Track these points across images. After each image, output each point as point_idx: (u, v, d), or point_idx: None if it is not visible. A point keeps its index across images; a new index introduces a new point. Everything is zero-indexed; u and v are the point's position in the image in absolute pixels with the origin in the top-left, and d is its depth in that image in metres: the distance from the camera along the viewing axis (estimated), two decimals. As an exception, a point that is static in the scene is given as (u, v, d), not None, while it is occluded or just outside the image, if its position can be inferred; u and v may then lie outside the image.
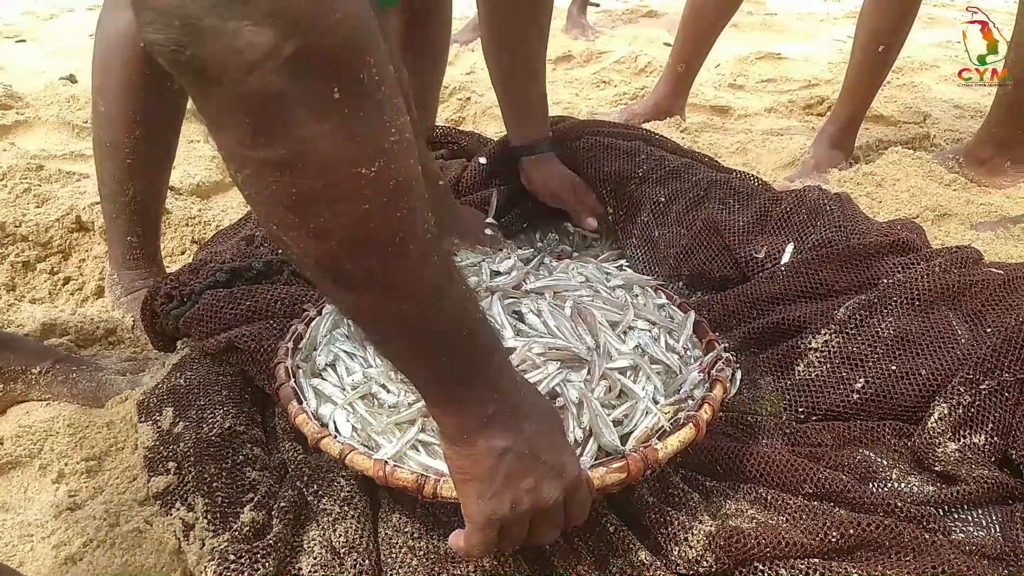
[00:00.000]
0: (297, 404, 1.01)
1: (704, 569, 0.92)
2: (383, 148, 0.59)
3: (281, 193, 0.59)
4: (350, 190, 0.59)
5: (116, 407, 1.27)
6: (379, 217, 0.61)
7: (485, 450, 0.77)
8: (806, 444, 1.15)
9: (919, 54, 3.47)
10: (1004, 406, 1.12)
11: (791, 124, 2.78)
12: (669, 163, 1.70)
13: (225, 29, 0.51)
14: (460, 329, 0.73)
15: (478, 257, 1.31)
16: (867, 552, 0.94)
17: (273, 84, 0.53)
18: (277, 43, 0.52)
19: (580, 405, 0.97)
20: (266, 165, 0.58)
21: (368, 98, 0.57)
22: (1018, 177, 2.21)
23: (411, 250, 0.65)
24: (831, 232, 1.44)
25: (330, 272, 0.65)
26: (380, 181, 0.60)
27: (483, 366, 0.76)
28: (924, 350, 1.20)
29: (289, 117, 0.55)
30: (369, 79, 0.57)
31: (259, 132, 0.56)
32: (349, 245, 0.62)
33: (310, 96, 0.55)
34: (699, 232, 1.54)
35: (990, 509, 1.03)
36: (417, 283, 0.67)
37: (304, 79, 0.54)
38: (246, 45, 0.51)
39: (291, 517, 0.98)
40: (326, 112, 0.56)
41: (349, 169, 0.58)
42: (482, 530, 0.81)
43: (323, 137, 0.56)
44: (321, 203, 0.59)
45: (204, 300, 1.25)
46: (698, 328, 1.19)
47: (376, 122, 0.59)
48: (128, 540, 1.01)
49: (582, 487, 0.85)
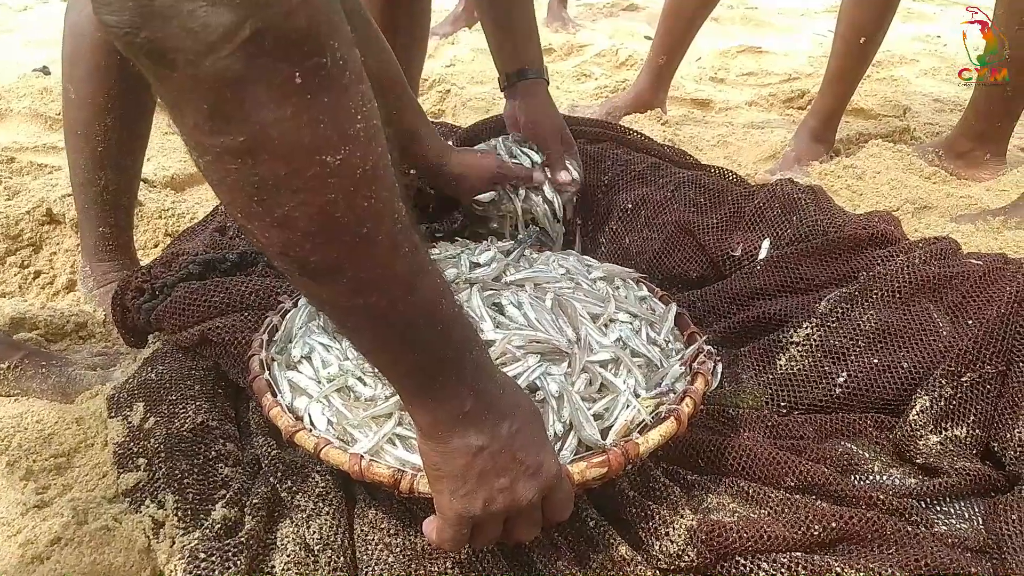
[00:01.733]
0: (271, 397, 0.99)
1: (685, 563, 0.91)
2: (348, 135, 0.57)
3: (242, 180, 0.57)
4: (314, 178, 0.57)
5: (86, 403, 1.25)
6: (345, 206, 0.59)
7: (459, 447, 0.76)
8: (788, 437, 1.14)
9: (899, 48, 3.48)
10: (985, 399, 1.12)
11: (772, 117, 2.78)
12: (635, 167, 1.66)
13: (180, 10, 0.49)
14: (433, 323, 0.71)
15: (457, 249, 1.29)
16: (849, 545, 0.93)
17: (230, 67, 0.51)
18: (234, 24, 0.50)
19: (560, 399, 0.95)
20: (226, 151, 0.56)
21: (331, 83, 0.55)
22: (997, 170, 2.22)
23: (379, 241, 0.63)
24: (807, 226, 1.43)
25: (296, 262, 0.63)
26: (346, 169, 0.58)
27: (458, 362, 0.74)
28: (906, 343, 1.20)
29: (248, 102, 0.53)
30: (333, 64, 0.55)
31: (217, 117, 0.54)
32: (314, 234, 0.60)
33: (270, 80, 0.53)
34: (671, 235, 1.51)
35: (973, 501, 1.03)
36: (386, 275, 0.65)
37: (263, 62, 0.52)
38: (202, 26, 0.50)
39: (264, 514, 0.96)
40: (287, 97, 0.54)
41: (312, 156, 0.56)
42: (453, 526, 0.80)
43: (284, 122, 0.54)
44: (284, 191, 0.57)
45: (177, 293, 1.22)
46: (679, 320, 1.18)
47: (340, 108, 0.57)
48: (96, 538, 0.99)
49: (562, 486, 0.83)
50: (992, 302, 1.19)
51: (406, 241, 0.65)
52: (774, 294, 1.36)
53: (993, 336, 1.14)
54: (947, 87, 3.07)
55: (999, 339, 1.14)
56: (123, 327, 1.32)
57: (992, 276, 1.24)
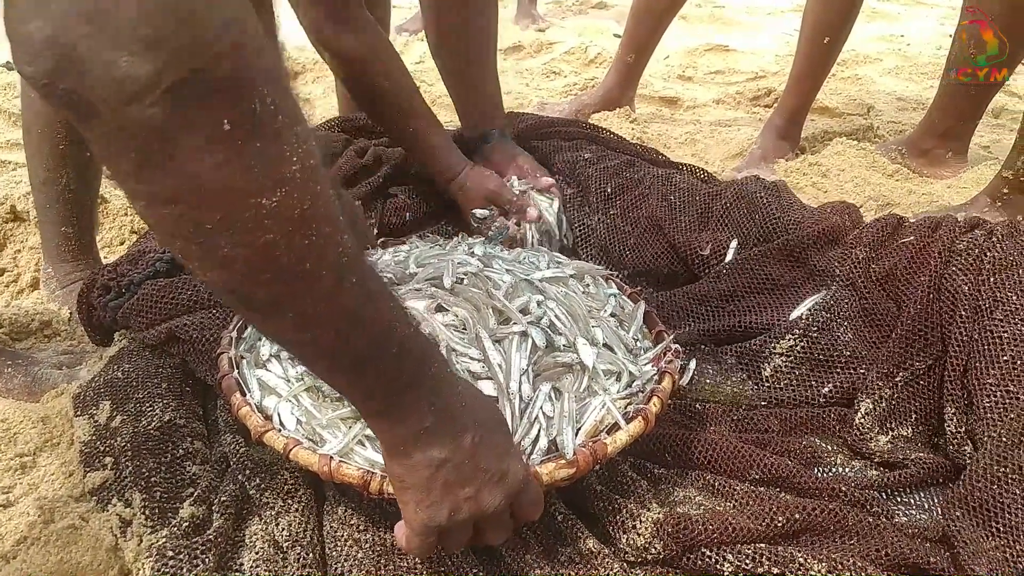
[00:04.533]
0: (240, 396, 0.98)
1: (652, 556, 0.92)
2: (283, 178, 0.57)
3: (177, 225, 0.57)
4: (250, 221, 0.57)
5: (52, 401, 1.24)
6: (284, 246, 0.59)
7: (422, 461, 0.76)
8: (753, 431, 1.15)
9: (863, 47, 3.52)
10: (923, 395, 1.15)
11: (739, 115, 2.80)
12: (610, 161, 1.69)
13: (99, 60, 0.48)
14: (386, 348, 0.70)
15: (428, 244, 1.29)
16: (812, 536, 0.95)
17: (154, 116, 0.50)
18: (156, 74, 0.49)
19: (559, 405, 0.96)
20: (157, 199, 0.55)
21: (262, 128, 0.55)
22: (959, 167, 2.26)
23: (323, 276, 0.63)
24: (770, 224, 1.46)
25: (239, 299, 0.63)
26: (282, 211, 0.57)
27: (415, 382, 0.74)
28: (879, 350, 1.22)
29: (175, 150, 0.52)
30: (263, 109, 0.54)
31: (144, 165, 0.53)
32: (255, 274, 0.60)
33: (196, 128, 0.52)
34: (644, 230, 1.53)
35: (931, 492, 1.05)
36: (331, 309, 0.65)
37: (188, 111, 0.51)
38: (123, 76, 0.49)
39: (232, 512, 0.96)
40: (216, 144, 0.53)
41: (246, 200, 0.56)
42: (420, 535, 0.81)
43: (214, 169, 0.54)
44: (220, 234, 0.57)
45: (144, 291, 1.21)
46: (648, 318, 1.19)
47: (273, 152, 0.56)
48: (63, 537, 0.98)
49: (529, 488, 0.84)
50: (919, 285, 1.22)
51: (352, 272, 0.65)
52: (743, 297, 1.37)
53: (916, 332, 1.17)
54: (910, 86, 3.12)
55: (922, 335, 1.16)
56: (89, 325, 1.31)
57: (924, 252, 1.28)
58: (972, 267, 1.19)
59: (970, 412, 1.09)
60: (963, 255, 1.22)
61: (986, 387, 1.07)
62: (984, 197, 1.91)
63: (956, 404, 1.11)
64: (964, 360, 1.12)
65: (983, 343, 1.11)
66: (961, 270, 1.19)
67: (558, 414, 0.94)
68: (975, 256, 1.21)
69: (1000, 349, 1.09)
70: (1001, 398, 1.05)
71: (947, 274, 1.20)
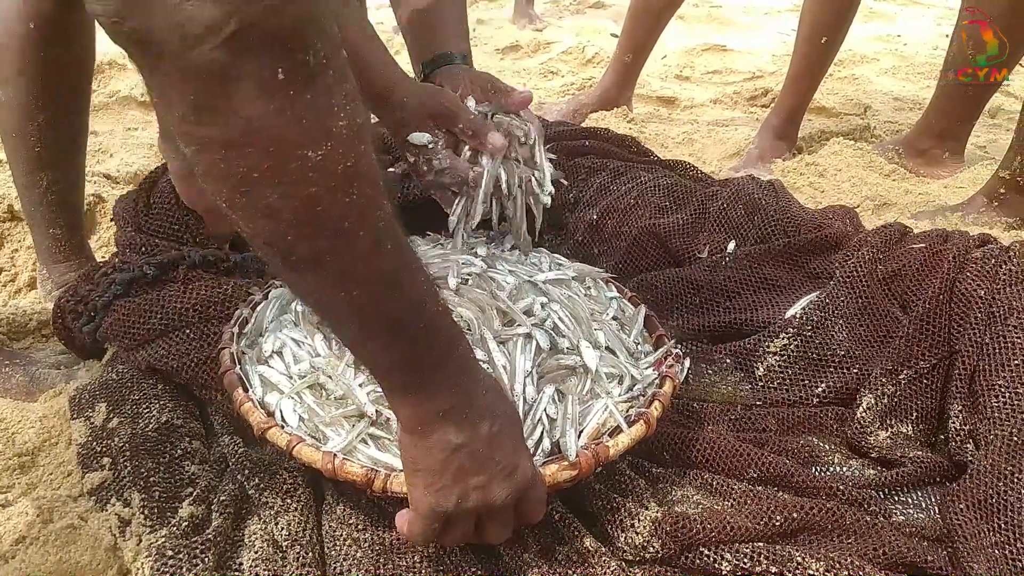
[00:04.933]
0: (243, 392, 0.98)
1: (650, 555, 0.92)
2: (330, 132, 0.59)
3: (227, 171, 0.58)
4: (296, 172, 0.59)
5: (50, 401, 1.24)
6: (327, 201, 0.61)
7: (438, 443, 0.77)
8: (751, 430, 1.16)
9: (860, 47, 3.53)
10: (926, 393, 1.15)
11: (736, 115, 2.81)
12: (597, 179, 1.67)
13: (166, 2, 0.50)
14: (416, 321, 0.72)
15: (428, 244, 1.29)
16: (810, 535, 0.95)
17: (215, 60, 0.52)
18: (220, 19, 0.51)
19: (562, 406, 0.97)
20: (211, 142, 0.57)
21: (314, 81, 0.57)
22: (955, 167, 2.26)
23: (361, 236, 0.64)
24: (769, 226, 1.46)
25: (280, 252, 0.64)
26: (328, 165, 0.59)
27: (441, 361, 0.75)
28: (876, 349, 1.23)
29: (232, 95, 0.54)
30: (316, 62, 0.56)
31: (202, 109, 0.55)
32: (297, 226, 0.62)
33: (253, 75, 0.54)
34: (636, 239, 1.52)
35: (928, 491, 1.05)
36: (368, 270, 0.67)
37: (247, 57, 0.53)
38: (187, 19, 0.50)
39: (231, 511, 0.96)
40: (270, 92, 0.55)
41: (295, 151, 0.58)
42: (425, 520, 0.81)
43: (267, 117, 0.56)
44: (267, 184, 0.59)
45: (114, 314, 1.18)
46: (648, 322, 1.19)
47: (323, 106, 0.58)
48: (62, 537, 0.98)
49: (535, 489, 0.84)
50: (930, 288, 1.22)
51: (389, 238, 0.67)
52: (739, 294, 1.38)
53: (923, 331, 1.17)
54: (907, 86, 3.12)
55: (930, 333, 1.17)
56: (71, 346, 1.31)
57: (934, 258, 1.28)
58: (988, 274, 1.20)
59: (975, 412, 1.10)
60: (979, 263, 1.22)
61: (995, 388, 1.08)
62: (981, 197, 1.92)
63: (963, 403, 1.12)
64: (975, 362, 1.13)
65: (995, 347, 1.12)
66: (977, 276, 1.20)
67: (561, 416, 0.95)
68: (991, 265, 1.22)
69: (1012, 353, 1.10)
70: (1010, 399, 1.06)
71: (962, 278, 1.21)
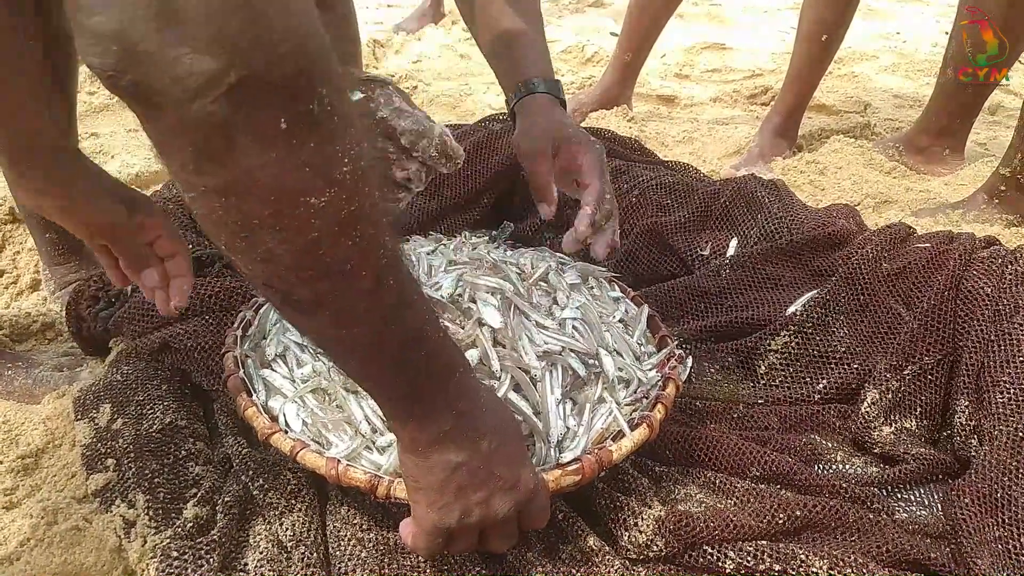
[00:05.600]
0: (247, 396, 0.98)
1: (654, 553, 0.92)
2: (334, 179, 0.58)
3: (227, 218, 0.58)
4: (298, 218, 0.58)
5: (53, 403, 1.23)
6: (329, 245, 0.60)
7: (439, 463, 0.77)
8: (753, 428, 1.16)
9: (860, 45, 3.52)
10: (930, 389, 1.15)
11: (736, 113, 2.81)
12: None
13: (165, 56, 0.49)
14: (417, 351, 0.72)
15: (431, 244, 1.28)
16: (813, 533, 0.96)
17: (216, 112, 0.51)
18: (220, 71, 0.50)
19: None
20: (211, 191, 0.56)
21: (318, 129, 0.56)
22: (956, 165, 2.26)
23: (363, 276, 0.64)
24: (772, 224, 1.46)
25: (279, 294, 0.64)
26: (330, 211, 0.58)
27: (441, 386, 0.75)
28: (877, 345, 1.23)
29: (233, 145, 0.53)
30: (320, 109, 0.55)
31: (202, 159, 0.54)
32: (298, 270, 0.61)
33: (255, 125, 0.53)
34: (639, 237, 1.53)
35: (931, 488, 1.06)
36: (370, 309, 0.66)
37: (248, 108, 0.52)
38: (187, 73, 0.49)
39: (236, 512, 0.96)
40: (272, 142, 0.54)
41: (297, 199, 0.57)
42: (428, 535, 0.81)
43: (269, 166, 0.55)
44: (268, 230, 0.58)
45: (136, 299, 1.20)
46: (651, 323, 1.19)
47: (326, 153, 0.57)
48: (67, 539, 0.98)
49: (538, 498, 0.85)
50: (933, 288, 1.23)
51: (392, 275, 0.66)
52: (742, 293, 1.38)
53: (928, 327, 1.18)
54: (907, 83, 3.12)
55: (934, 329, 1.17)
56: (79, 338, 1.31)
57: (939, 258, 1.28)
58: (995, 273, 1.21)
59: (980, 408, 1.10)
60: (986, 263, 1.23)
61: (1000, 384, 1.08)
62: (981, 194, 1.92)
63: (969, 398, 1.12)
64: (981, 358, 1.13)
65: (1000, 343, 1.12)
66: (983, 274, 1.21)
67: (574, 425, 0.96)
68: (998, 265, 1.22)
69: (1018, 350, 1.10)
70: (1015, 395, 1.07)
71: (968, 276, 1.21)
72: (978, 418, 1.10)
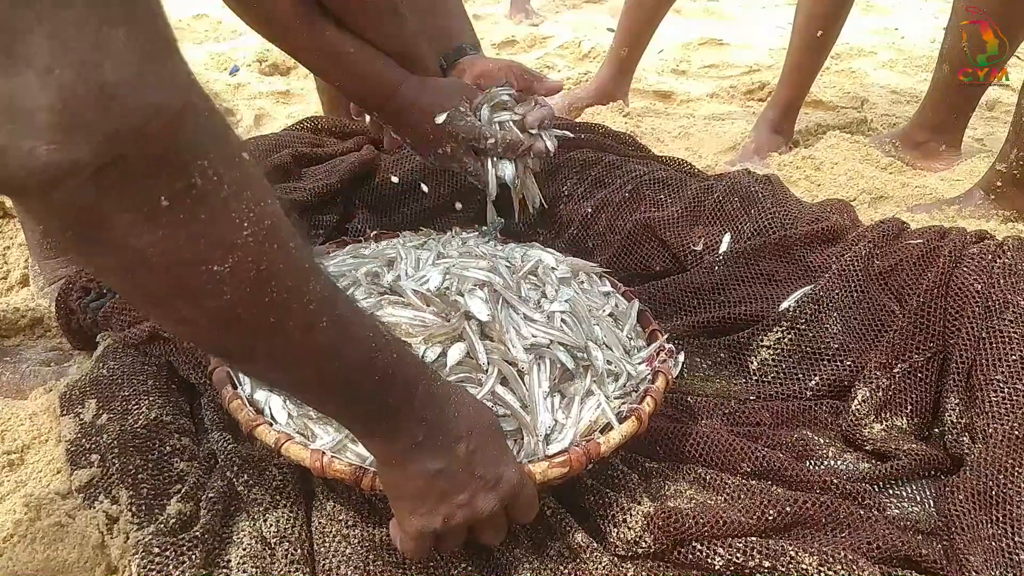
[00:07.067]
0: (231, 389, 0.97)
1: (642, 550, 0.91)
2: (234, 244, 0.55)
3: (131, 292, 0.56)
4: (204, 286, 0.55)
5: (40, 398, 1.23)
6: (246, 304, 0.58)
7: (416, 472, 0.76)
8: (745, 424, 1.15)
9: (857, 40, 3.51)
10: (920, 387, 1.14)
11: (733, 109, 2.79)
12: (592, 171, 1.65)
13: (18, 149, 0.44)
14: (367, 379, 0.69)
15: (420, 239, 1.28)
16: (803, 529, 0.95)
17: (83, 199, 0.48)
18: (79, 160, 0.45)
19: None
20: (103, 270, 0.54)
21: (203, 200, 0.52)
22: (952, 160, 2.25)
23: (290, 327, 0.61)
24: (765, 219, 1.45)
25: (209, 350, 0.64)
26: (237, 275, 0.56)
27: (403, 403, 0.73)
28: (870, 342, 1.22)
29: (111, 228, 0.50)
30: (205, 181, 0.51)
31: (83, 242, 0.52)
32: (217, 331, 0.59)
33: (129, 208, 0.50)
34: (631, 232, 1.51)
35: (923, 484, 1.05)
36: (304, 353, 0.64)
37: (116, 193, 0.49)
38: (43, 164, 0.44)
39: (220, 508, 0.95)
40: (155, 220, 0.51)
41: (197, 268, 0.54)
42: (414, 540, 0.81)
43: (157, 244, 0.52)
44: (175, 299, 0.56)
45: (124, 291, 1.20)
46: (642, 317, 1.18)
47: (220, 222, 0.53)
48: (50, 534, 0.97)
49: (524, 492, 0.84)
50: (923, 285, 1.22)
51: (324, 316, 0.63)
52: (735, 288, 1.37)
53: (917, 325, 1.17)
54: (904, 79, 3.11)
55: (923, 327, 1.17)
56: (68, 330, 1.30)
57: (931, 254, 1.27)
58: (984, 269, 1.20)
59: (972, 406, 1.09)
60: (976, 259, 1.22)
61: (993, 382, 1.08)
62: (978, 190, 1.91)
63: (959, 396, 1.11)
64: (972, 356, 1.12)
65: (991, 341, 1.11)
66: (973, 271, 1.20)
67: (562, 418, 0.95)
68: (987, 260, 1.21)
69: (1009, 348, 1.09)
70: (1009, 395, 1.06)
71: (957, 273, 1.20)
72: (969, 416, 1.09)
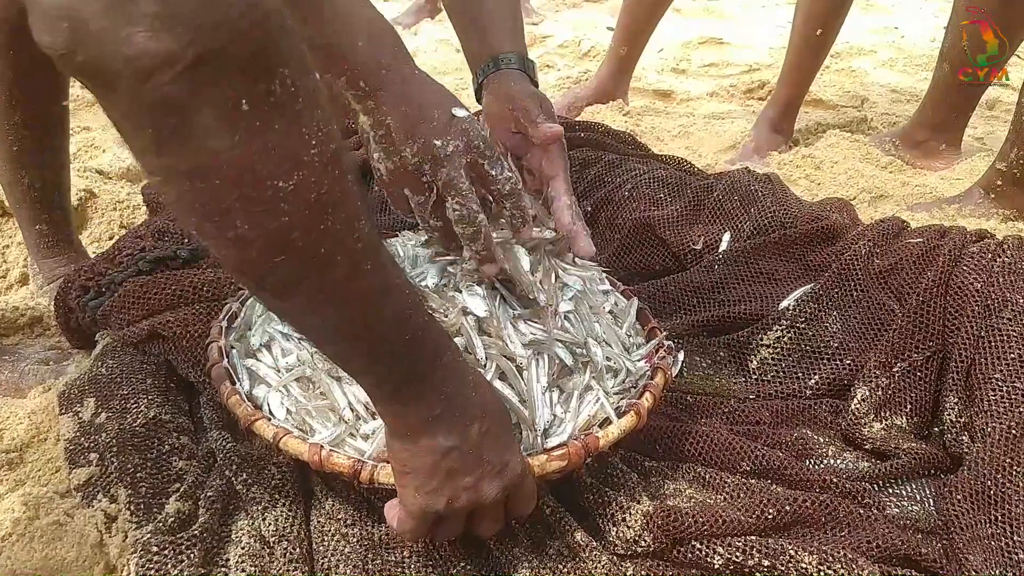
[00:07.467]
0: (230, 385, 0.97)
1: (642, 548, 0.91)
2: (301, 161, 0.56)
3: (193, 201, 0.56)
4: (267, 202, 0.56)
5: (39, 397, 1.23)
6: (301, 229, 0.59)
7: (428, 447, 0.76)
8: (744, 423, 1.15)
9: (857, 39, 3.51)
10: (919, 386, 1.14)
11: (732, 108, 2.79)
12: (591, 170, 1.66)
13: (116, 34, 0.46)
14: (400, 336, 0.70)
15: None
16: (803, 528, 0.95)
17: (172, 93, 0.49)
18: (174, 51, 0.47)
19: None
20: (174, 173, 0.54)
21: (282, 110, 0.54)
22: (952, 159, 2.25)
23: (338, 262, 0.62)
24: (765, 218, 1.45)
25: (252, 279, 0.63)
26: (300, 194, 0.57)
27: (427, 371, 0.74)
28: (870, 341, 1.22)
29: (193, 127, 0.52)
30: (283, 90, 0.53)
31: (163, 141, 0.52)
32: (270, 254, 0.59)
33: (215, 106, 0.51)
34: (631, 231, 1.52)
35: (923, 483, 1.05)
36: (346, 294, 0.65)
37: (207, 89, 0.50)
38: (140, 52, 0.47)
39: (219, 507, 0.95)
40: (234, 124, 0.52)
41: (264, 182, 0.55)
42: (415, 519, 0.81)
43: (233, 149, 0.53)
44: (236, 213, 0.56)
45: (126, 288, 1.19)
46: (640, 315, 1.18)
47: (292, 135, 0.55)
48: (48, 533, 0.97)
49: (525, 483, 0.84)
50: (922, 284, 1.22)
51: (369, 260, 0.65)
52: (735, 287, 1.37)
53: (916, 324, 1.17)
54: (904, 78, 3.11)
55: (922, 326, 1.16)
56: (66, 329, 1.30)
57: (931, 253, 1.27)
58: (984, 268, 1.20)
59: (971, 404, 1.09)
60: (975, 257, 1.22)
61: (992, 381, 1.07)
62: (978, 189, 1.91)
63: (958, 395, 1.11)
64: (970, 355, 1.12)
65: (991, 339, 1.11)
66: (973, 270, 1.20)
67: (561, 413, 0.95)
68: (987, 259, 1.21)
69: (1008, 347, 1.09)
70: (1008, 393, 1.06)
71: (957, 272, 1.20)
72: (968, 415, 1.09)
